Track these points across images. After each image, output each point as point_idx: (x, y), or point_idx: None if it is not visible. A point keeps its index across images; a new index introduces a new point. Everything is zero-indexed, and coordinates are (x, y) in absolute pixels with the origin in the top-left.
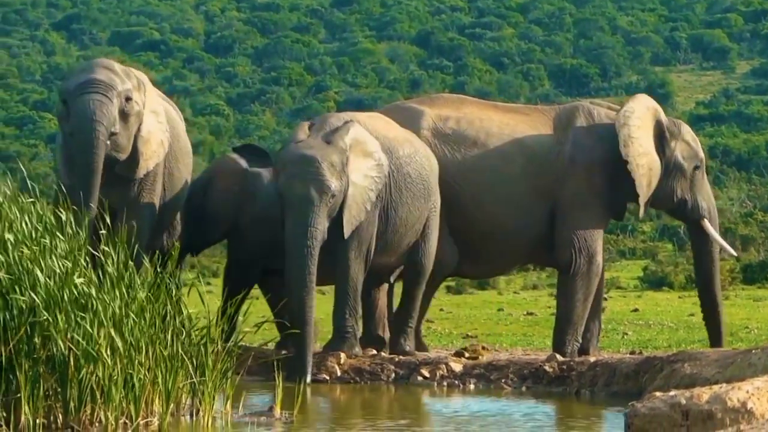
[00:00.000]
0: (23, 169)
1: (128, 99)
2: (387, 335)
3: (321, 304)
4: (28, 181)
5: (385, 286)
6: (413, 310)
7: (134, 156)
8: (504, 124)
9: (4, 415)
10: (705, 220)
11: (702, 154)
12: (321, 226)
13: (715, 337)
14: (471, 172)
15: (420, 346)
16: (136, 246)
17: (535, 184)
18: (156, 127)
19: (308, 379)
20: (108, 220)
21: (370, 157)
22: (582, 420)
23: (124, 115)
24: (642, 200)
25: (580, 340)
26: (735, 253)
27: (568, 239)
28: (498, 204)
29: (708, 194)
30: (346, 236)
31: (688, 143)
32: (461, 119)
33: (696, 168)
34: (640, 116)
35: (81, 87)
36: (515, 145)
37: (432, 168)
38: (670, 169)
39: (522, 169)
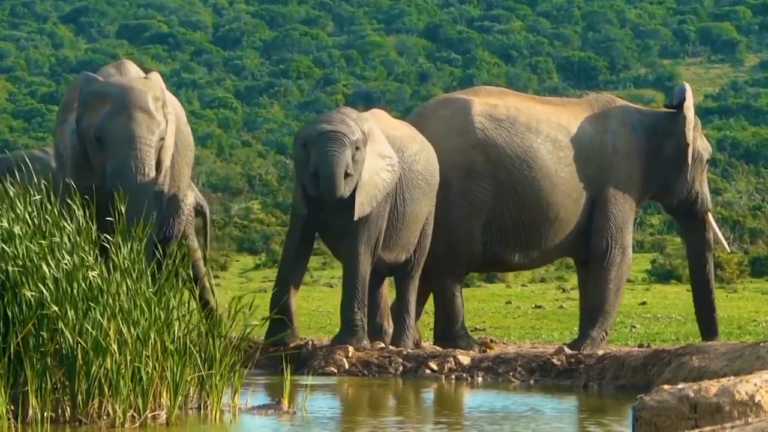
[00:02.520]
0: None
1: (162, 139)
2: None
3: (329, 297)
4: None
5: (386, 279)
6: (410, 303)
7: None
8: (549, 112)
9: (12, 408)
10: (709, 213)
11: (710, 148)
12: (346, 165)
13: (712, 329)
14: (529, 157)
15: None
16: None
17: (584, 174)
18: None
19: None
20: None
21: (383, 159)
22: (590, 413)
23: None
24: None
25: (609, 332)
26: (728, 249)
27: (605, 229)
28: (554, 190)
29: (707, 188)
30: (356, 218)
31: (703, 136)
32: (510, 107)
33: (707, 161)
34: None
35: (127, 145)
36: (565, 134)
37: (435, 164)
38: (694, 159)
39: (573, 157)
